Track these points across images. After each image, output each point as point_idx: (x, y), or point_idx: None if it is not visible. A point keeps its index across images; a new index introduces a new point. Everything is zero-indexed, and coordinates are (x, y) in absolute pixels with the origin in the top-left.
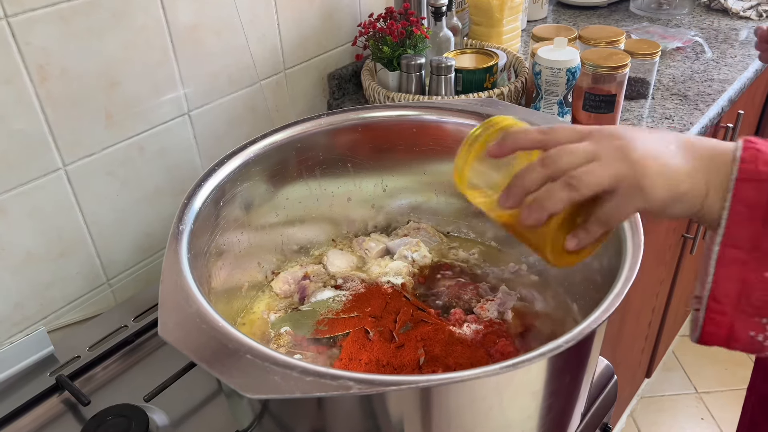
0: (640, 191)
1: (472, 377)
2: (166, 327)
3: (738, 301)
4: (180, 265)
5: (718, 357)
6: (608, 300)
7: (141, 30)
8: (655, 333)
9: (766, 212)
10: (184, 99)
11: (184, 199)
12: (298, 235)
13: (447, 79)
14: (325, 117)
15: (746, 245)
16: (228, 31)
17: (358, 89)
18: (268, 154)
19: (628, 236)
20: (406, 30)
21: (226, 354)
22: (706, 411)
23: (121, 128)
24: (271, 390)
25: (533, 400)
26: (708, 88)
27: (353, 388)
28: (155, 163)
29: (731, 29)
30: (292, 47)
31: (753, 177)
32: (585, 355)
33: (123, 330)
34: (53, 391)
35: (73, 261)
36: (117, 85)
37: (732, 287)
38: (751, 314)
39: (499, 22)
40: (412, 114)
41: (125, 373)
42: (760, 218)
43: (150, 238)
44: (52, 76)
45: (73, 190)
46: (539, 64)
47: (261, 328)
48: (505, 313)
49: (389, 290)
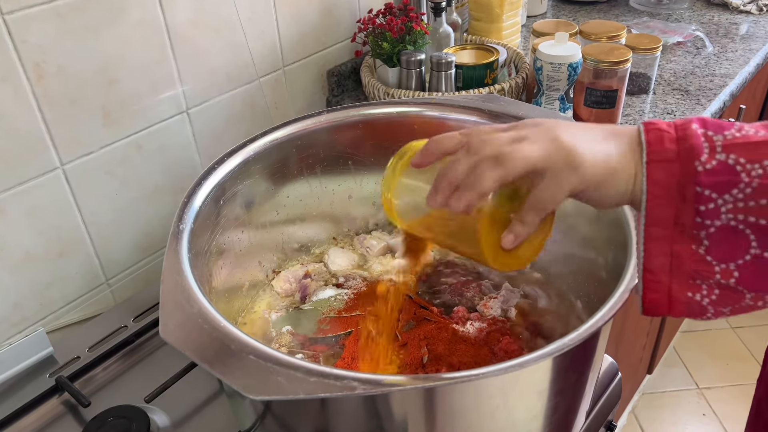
0: (573, 168)
1: (478, 377)
2: (168, 328)
3: (671, 270)
4: (181, 265)
5: (719, 353)
6: (615, 297)
7: (138, 27)
8: (656, 329)
9: (679, 189)
10: (183, 97)
11: (184, 198)
12: (298, 234)
13: (447, 75)
14: (325, 114)
15: (669, 222)
16: (226, 28)
17: (357, 86)
18: (269, 152)
19: (633, 232)
20: (405, 26)
21: (228, 355)
22: (707, 407)
23: (119, 126)
24: (274, 391)
25: (539, 399)
26: (709, 83)
27: (358, 389)
28: (154, 161)
29: (732, 23)
30: (290, 44)
31: (661, 158)
32: (591, 354)
33: (123, 330)
34: (53, 392)
35: (72, 261)
36: (114, 83)
37: (663, 260)
38: (685, 278)
39: (499, 18)
40: (414, 111)
41: (125, 373)
42: (675, 196)
43: (149, 238)
44: (48, 74)
45: (72, 189)
46: (540, 59)
47: (262, 327)
48: (509, 310)
49: (391, 288)
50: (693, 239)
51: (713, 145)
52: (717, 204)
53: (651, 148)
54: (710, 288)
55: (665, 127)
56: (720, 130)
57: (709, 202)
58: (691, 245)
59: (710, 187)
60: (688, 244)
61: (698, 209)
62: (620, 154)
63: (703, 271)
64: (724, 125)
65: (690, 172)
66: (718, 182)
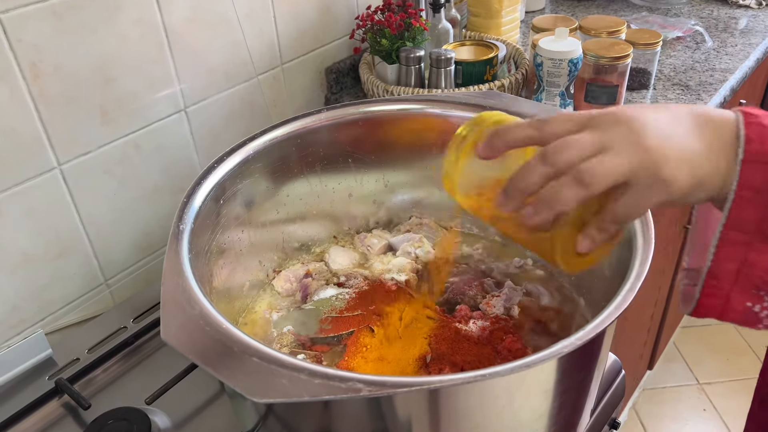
0: (661, 182)
1: (485, 377)
2: (169, 330)
3: (737, 278)
4: (181, 266)
5: (718, 347)
6: (620, 295)
7: (135, 25)
8: (657, 325)
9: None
10: (181, 95)
11: (184, 198)
12: (299, 233)
13: (447, 72)
14: (325, 112)
15: (751, 228)
16: (224, 26)
17: (356, 83)
18: (269, 151)
19: (637, 229)
20: (404, 22)
21: (230, 357)
22: (708, 402)
23: (116, 126)
24: (278, 393)
25: (545, 399)
26: (710, 78)
27: (363, 391)
28: (152, 160)
29: (731, 18)
30: (289, 41)
31: (759, 159)
32: (597, 352)
33: (122, 331)
34: (53, 395)
35: (71, 261)
36: (112, 82)
37: (732, 266)
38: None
39: (498, 14)
40: (415, 108)
41: (126, 375)
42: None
43: (148, 237)
44: (45, 73)
45: (69, 189)
46: (541, 55)
47: (263, 327)
48: (512, 308)
49: (393, 287)
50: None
51: None
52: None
53: (750, 147)
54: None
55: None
56: None
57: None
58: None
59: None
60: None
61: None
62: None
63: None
64: None
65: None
66: None
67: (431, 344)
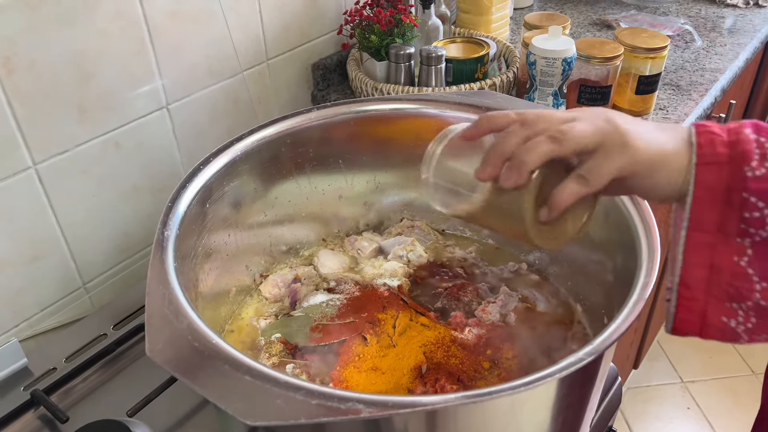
0: (625, 148)
1: (490, 397)
2: (155, 347)
3: (709, 287)
4: (167, 276)
5: (701, 346)
6: (628, 307)
7: (115, 18)
8: (643, 324)
9: (726, 194)
10: (162, 91)
11: (168, 202)
12: (286, 235)
13: (437, 70)
14: (315, 111)
15: (712, 228)
16: (208, 19)
17: (343, 80)
18: (257, 151)
19: (641, 235)
20: (394, 18)
21: (222, 375)
22: (692, 400)
23: (95, 123)
24: (273, 415)
25: (547, 415)
26: (700, 78)
27: (363, 412)
28: (133, 159)
29: (719, 17)
30: (275, 36)
31: (712, 160)
32: (600, 366)
33: (102, 339)
34: (28, 407)
35: (47, 265)
36: (90, 78)
37: (701, 272)
38: (722, 299)
39: (488, 10)
40: (410, 108)
41: (106, 385)
42: (722, 200)
43: (129, 238)
44: (19, 68)
45: (45, 190)
46: (534, 53)
47: (251, 335)
48: (507, 315)
49: (386, 293)
50: (735, 249)
51: (764, 152)
52: (763, 213)
53: (702, 150)
54: (747, 314)
55: (717, 130)
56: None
57: (754, 210)
58: (732, 256)
59: (757, 194)
60: (730, 255)
61: (743, 216)
62: (674, 145)
63: (742, 288)
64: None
65: (739, 177)
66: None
67: (426, 353)
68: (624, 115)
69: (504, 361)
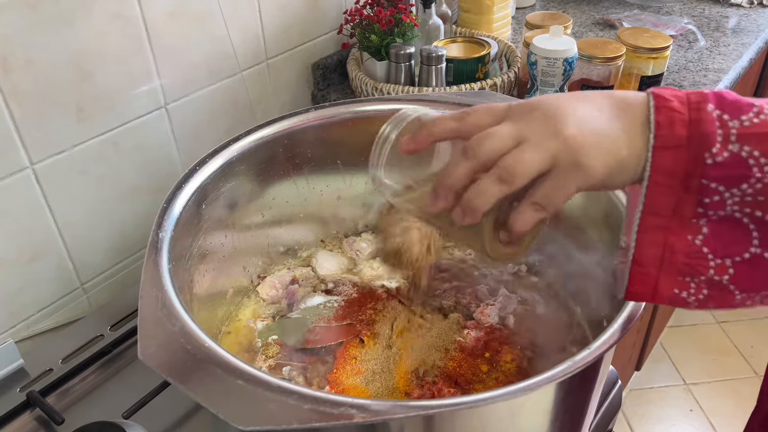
0: (580, 169)
1: (486, 402)
2: (148, 350)
3: (661, 263)
4: (161, 278)
5: (705, 348)
6: (627, 309)
7: (114, 18)
8: (646, 326)
9: (685, 178)
10: (161, 91)
11: (164, 204)
12: (284, 237)
13: (438, 70)
14: (313, 111)
15: (667, 212)
16: (207, 19)
17: (343, 80)
18: (254, 152)
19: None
20: (394, 17)
21: (215, 378)
22: (694, 402)
23: (93, 123)
24: (265, 420)
25: (546, 419)
26: (703, 78)
27: (355, 417)
28: (131, 159)
29: (723, 17)
30: (274, 35)
31: (670, 144)
32: (600, 369)
33: (99, 340)
34: (24, 408)
35: (44, 265)
36: (88, 77)
37: (655, 252)
38: (675, 274)
39: (490, 10)
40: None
41: (102, 386)
42: (679, 186)
43: (127, 239)
44: (17, 67)
45: (43, 190)
46: (535, 53)
47: (247, 337)
48: (507, 318)
49: (383, 295)
50: (690, 229)
51: (727, 133)
52: (723, 197)
53: (660, 132)
54: (698, 287)
55: (677, 105)
56: (737, 114)
57: (714, 194)
58: (687, 236)
59: (718, 180)
60: (684, 234)
61: (701, 201)
62: (630, 138)
63: (697, 265)
64: (743, 106)
65: (698, 163)
66: (727, 176)
67: (424, 356)
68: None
69: (502, 364)
